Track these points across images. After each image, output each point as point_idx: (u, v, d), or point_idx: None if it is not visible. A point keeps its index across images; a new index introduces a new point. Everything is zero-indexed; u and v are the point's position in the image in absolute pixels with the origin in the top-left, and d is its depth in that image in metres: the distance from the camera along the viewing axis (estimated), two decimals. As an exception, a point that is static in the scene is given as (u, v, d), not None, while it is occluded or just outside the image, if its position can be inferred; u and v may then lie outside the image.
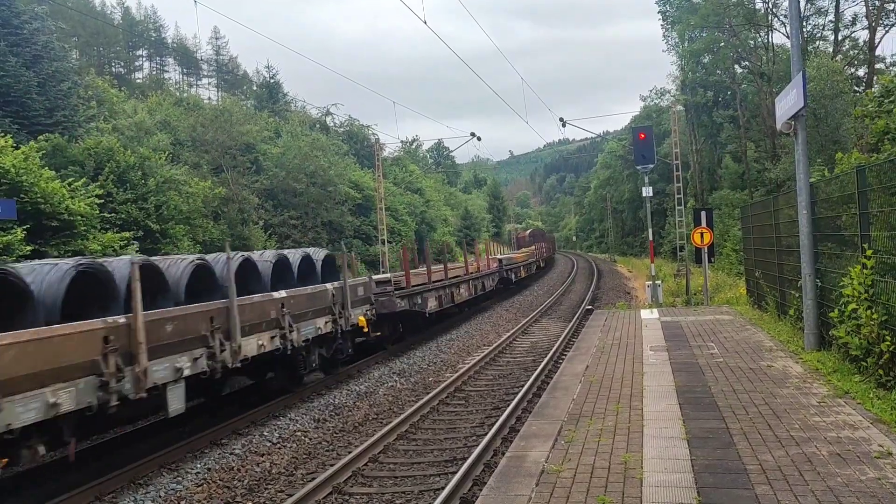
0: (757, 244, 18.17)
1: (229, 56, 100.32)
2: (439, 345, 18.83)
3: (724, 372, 10.50)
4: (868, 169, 9.49)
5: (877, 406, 7.92)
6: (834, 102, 31.72)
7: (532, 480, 6.44)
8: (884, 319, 8.54)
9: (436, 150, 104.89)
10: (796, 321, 13.06)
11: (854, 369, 9.50)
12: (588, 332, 16.11)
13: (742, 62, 46.92)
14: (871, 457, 6.37)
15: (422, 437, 10.41)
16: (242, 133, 41.24)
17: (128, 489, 8.43)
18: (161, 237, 25.86)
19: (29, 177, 19.07)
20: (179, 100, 54.69)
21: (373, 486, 8.38)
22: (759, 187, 40.29)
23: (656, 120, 58.15)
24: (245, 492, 8.40)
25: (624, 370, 11.17)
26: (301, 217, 43.40)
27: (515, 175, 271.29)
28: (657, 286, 24.73)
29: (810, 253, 11.54)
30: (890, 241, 8.70)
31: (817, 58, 34.54)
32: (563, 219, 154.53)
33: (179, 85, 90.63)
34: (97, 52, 78.73)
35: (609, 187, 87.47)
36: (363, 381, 14.32)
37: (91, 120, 32.57)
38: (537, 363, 15.10)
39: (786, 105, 11.87)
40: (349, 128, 67.52)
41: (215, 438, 10.32)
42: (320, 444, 10.28)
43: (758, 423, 7.68)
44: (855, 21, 40.29)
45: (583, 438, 7.59)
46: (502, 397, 12.49)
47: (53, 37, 32.61)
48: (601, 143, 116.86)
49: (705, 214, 23.92)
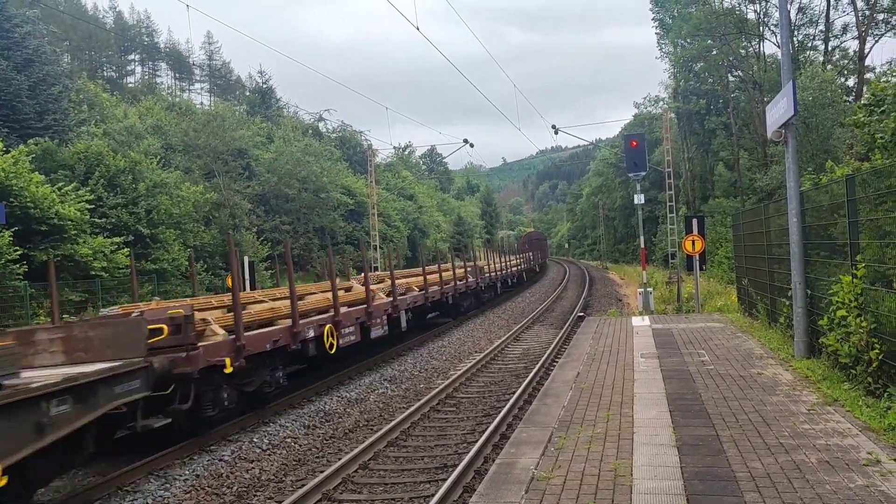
0: (748, 252, 18.23)
1: (222, 61, 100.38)
2: (431, 351, 18.79)
3: (714, 379, 10.52)
4: (857, 178, 9.55)
5: (866, 414, 7.94)
6: (825, 112, 31.91)
7: (522, 487, 6.42)
8: (873, 327, 8.58)
9: (429, 156, 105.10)
10: (786, 329, 13.10)
11: (843, 377, 9.53)
12: (579, 339, 16.11)
13: (734, 71, 47.20)
14: (859, 464, 6.38)
15: (412, 443, 10.37)
16: (235, 138, 41.20)
17: (115, 496, 8.36)
18: (151, 242, 25.76)
19: (18, 181, 18.99)
20: (171, 104, 54.65)
21: (363, 493, 8.34)
22: (751, 195, 40.46)
23: (649, 127, 58.39)
24: (234, 499, 8.35)
25: (615, 377, 11.17)
26: (293, 222, 43.35)
27: (508, 182, 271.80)
28: (648, 293, 24.77)
29: (800, 261, 11.58)
30: (879, 249, 8.75)
31: (810, 67, 34.77)
32: (555, 226, 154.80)
33: (172, 90, 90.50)
34: (89, 56, 78.56)
35: (601, 195, 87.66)
36: (354, 388, 14.27)
37: (82, 124, 32.52)
38: (528, 370, 15.09)
39: (776, 113, 11.93)
40: (342, 133, 67.55)
41: (204, 444, 10.25)
42: (310, 451, 10.23)
43: (748, 430, 7.69)
44: (845, 31, 40.64)
45: (573, 445, 7.58)
46: (493, 404, 12.47)
47: (45, 40, 32.60)
48: (593, 150, 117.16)
49: (697, 222, 23.99)
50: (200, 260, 30.52)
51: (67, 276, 20.00)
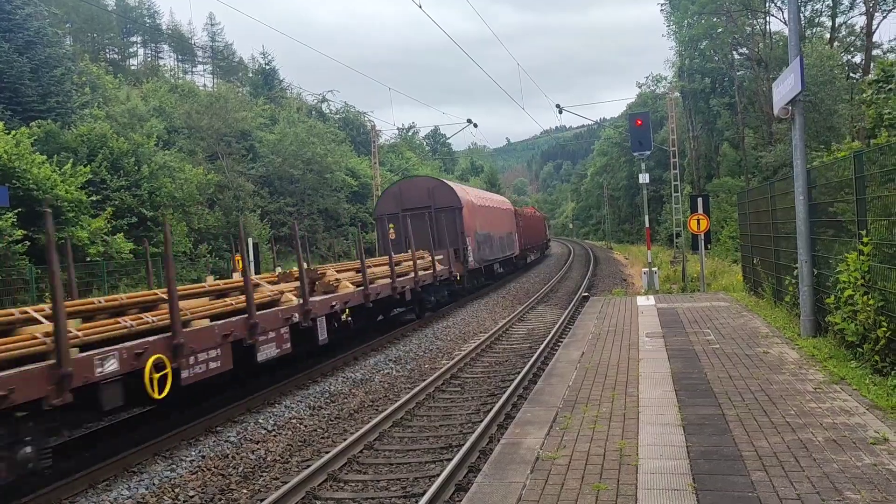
0: (753, 230, 18.13)
1: (225, 42, 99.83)
2: (436, 332, 18.79)
3: (720, 358, 10.49)
4: (865, 154, 9.45)
5: (872, 392, 7.90)
6: (826, 88, 31.65)
7: (527, 467, 6.41)
8: (880, 305, 8.52)
9: (432, 137, 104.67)
10: (792, 307, 13.04)
11: (850, 355, 9.49)
12: (584, 319, 16.08)
13: (739, 48, 46.75)
14: (866, 443, 6.35)
15: (417, 423, 10.38)
16: (238, 120, 41.06)
17: (121, 477, 8.39)
18: (154, 225, 25.74)
19: (21, 162, 18.97)
20: (174, 86, 54.43)
21: (368, 473, 8.35)
22: (757, 173, 40.24)
23: (652, 107, 57.96)
24: (240, 479, 8.37)
25: (620, 357, 11.15)
26: (297, 204, 43.28)
27: (512, 162, 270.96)
28: (653, 273, 24.71)
29: (807, 239, 11.50)
30: (887, 227, 8.67)
31: (809, 43, 34.45)
32: (560, 206, 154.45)
33: (174, 72, 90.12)
34: (91, 38, 78.15)
35: (606, 174, 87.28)
36: (359, 369, 14.28)
37: (85, 106, 32.42)
38: (533, 350, 15.08)
39: (783, 90, 11.79)
40: (345, 115, 67.26)
41: (210, 426, 10.27)
42: (315, 432, 10.25)
43: (753, 409, 7.66)
44: (853, 6, 40.15)
45: (578, 425, 7.56)
46: (498, 384, 12.47)
47: (46, 22, 32.42)
48: (598, 130, 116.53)
49: (702, 201, 23.88)
50: (204, 242, 30.55)
51: (63, 258, 19.90)
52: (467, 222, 25.55)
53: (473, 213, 26.87)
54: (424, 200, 24.97)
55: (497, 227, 31.80)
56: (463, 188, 29.21)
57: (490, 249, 29.45)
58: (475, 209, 27.45)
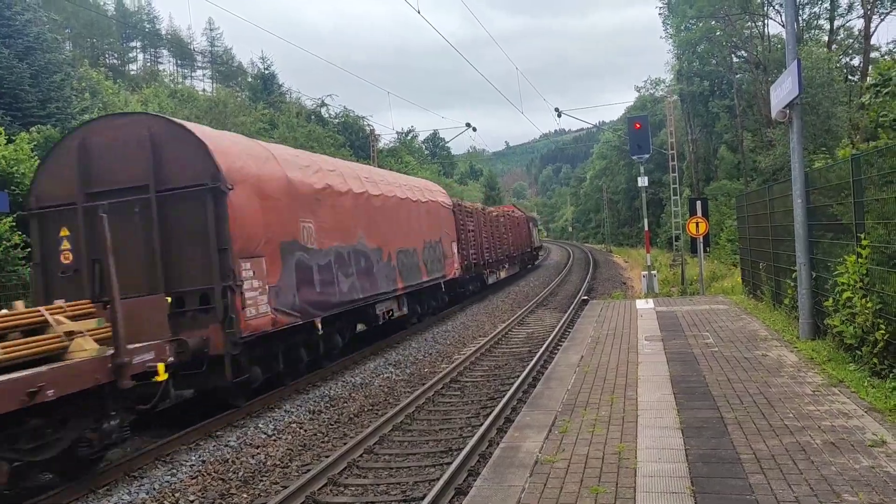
0: (752, 233, 18.17)
1: (224, 47, 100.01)
2: (435, 336, 18.81)
3: (718, 361, 10.51)
4: (862, 157, 9.48)
5: (871, 395, 7.92)
6: (823, 91, 31.70)
7: (526, 471, 6.43)
8: (878, 308, 8.54)
9: (431, 140, 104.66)
10: (791, 310, 13.07)
11: (848, 358, 9.51)
12: (583, 323, 16.10)
13: (738, 51, 46.81)
14: (864, 445, 6.37)
15: (417, 427, 10.40)
16: (237, 124, 41.11)
17: (122, 482, 8.41)
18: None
19: (20, 167, 19.00)
20: (174, 91, 54.49)
21: (368, 478, 8.37)
22: (755, 176, 40.27)
23: (651, 110, 58.06)
24: (240, 484, 8.38)
25: (619, 360, 11.17)
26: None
27: (511, 166, 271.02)
28: (653, 276, 24.74)
29: (805, 242, 11.53)
30: (885, 229, 8.69)
31: (805, 46, 34.52)
32: (559, 209, 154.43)
33: (174, 77, 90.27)
34: (90, 43, 78.31)
35: (605, 178, 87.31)
36: (358, 373, 14.30)
37: (85, 111, 32.44)
38: (533, 353, 15.09)
39: (781, 93, 11.82)
40: (344, 119, 67.23)
41: (210, 430, 10.29)
42: (315, 436, 10.26)
43: (752, 412, 7.68)
44: (850, 9, 40.20)
45: (577, 429, 7.58)
46: (497, 388, 12.48)
47: (46, 28, 32.47)
48: (597, 133, 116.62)
49: (701, 204, 23.92)
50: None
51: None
52: (254, 222, 11.22)
53: (289, 197, 12.43)
54: (139, 171, 10.76)
55: (396, 233, 17.89)
56: (246, 144, 12.89)
57: (366, 280, 15.43)
58: (291, 190, 12.59)
